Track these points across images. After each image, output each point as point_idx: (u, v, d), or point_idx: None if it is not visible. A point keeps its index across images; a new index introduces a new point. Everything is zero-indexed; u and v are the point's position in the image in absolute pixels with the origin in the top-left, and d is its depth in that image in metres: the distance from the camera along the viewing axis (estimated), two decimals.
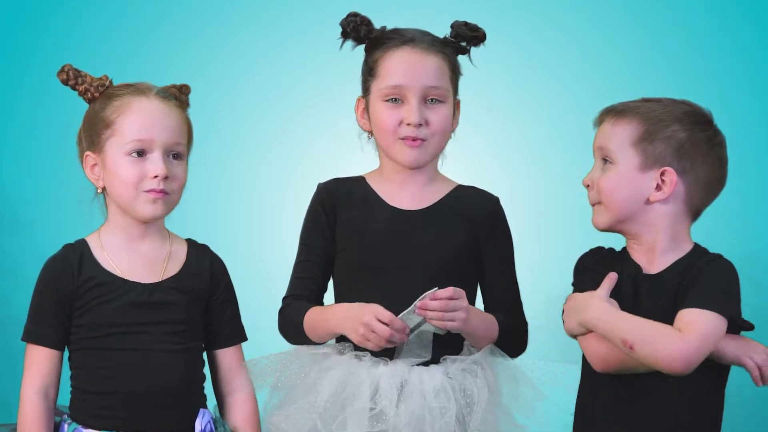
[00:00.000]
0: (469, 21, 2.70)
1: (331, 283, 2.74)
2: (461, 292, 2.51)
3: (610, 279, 2.52)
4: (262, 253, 3.75)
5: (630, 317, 2.46)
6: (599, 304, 2.49)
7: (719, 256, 2.54)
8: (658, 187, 2.51)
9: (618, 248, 2.64)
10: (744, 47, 3.66)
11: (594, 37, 3.72)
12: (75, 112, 2.67)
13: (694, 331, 2.40)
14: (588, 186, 2.57)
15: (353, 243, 2.66)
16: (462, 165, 2.80)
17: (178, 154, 2.57)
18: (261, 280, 3.61)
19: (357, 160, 2.80)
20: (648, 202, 2.52)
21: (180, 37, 3.81)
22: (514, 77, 3.72)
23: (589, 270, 2.59)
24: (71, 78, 2.60)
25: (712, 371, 2.49)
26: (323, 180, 2.75)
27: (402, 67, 2.63)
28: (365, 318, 2.49)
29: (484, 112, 3.51)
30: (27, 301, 2.59)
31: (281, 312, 2.71)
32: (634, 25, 3.71)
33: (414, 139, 2.63)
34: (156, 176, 2.52)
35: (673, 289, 2.50)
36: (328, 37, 3.72)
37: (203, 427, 2.55)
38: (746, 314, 2.50)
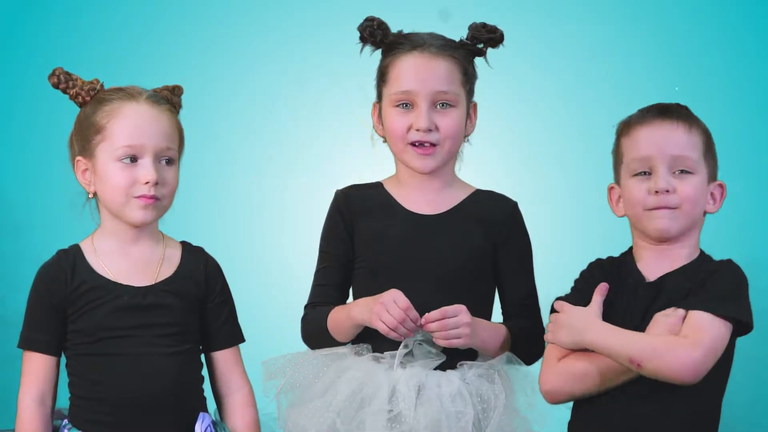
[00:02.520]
0: (488, 23, 2.70)
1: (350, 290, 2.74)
2: (458, 310, 2.51)
3: (601, 291, 2.51)
4: (262, 255, 3.74)
5: (631, 334, 2.44)
6: (597, 325, 2.47)
7: (729, 261, 2.53)
8: (713, 198, 2.56)
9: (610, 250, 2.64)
10: (744, 48, 3.65)
11: (608, 40, 3.71)
12: (74, 115, 2.66)
13: (703, 338, 2.38)
14: (667, 191, 2.51)
15: (371, 248, 2.66)
16: (480, 169, 2.80)
17: (169, 159, 2.55)
18: (261, 282, 3.62)
19: (356, 161, 2.80)
20: (704, 213, 2.56)
21: (180, 38, 3.80)
22: (530, 80, 3.71)
23: (581, 287, 2.57)
24: (62, 81, 2.58)
25: (711, 380, 2.46)
26: (322, 192, 2.76)
27: (410, 73, 2.63)
28: (384, 297, 2.50)
29: (501, 115, 3.51)
30: (24, 304, 2.59)
31: (304, 319, 2.71)
32: (650, 27, 3.70)
33: (423, 145, 2.62)
34: (147, 182, 2.51)
35: (675, 294, 2.48)
36: (326, 36, 3.73)
37: (203, 431, 2.54)
38: None
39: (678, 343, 2.39)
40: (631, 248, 2.62)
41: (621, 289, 2.54)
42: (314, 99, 3.79)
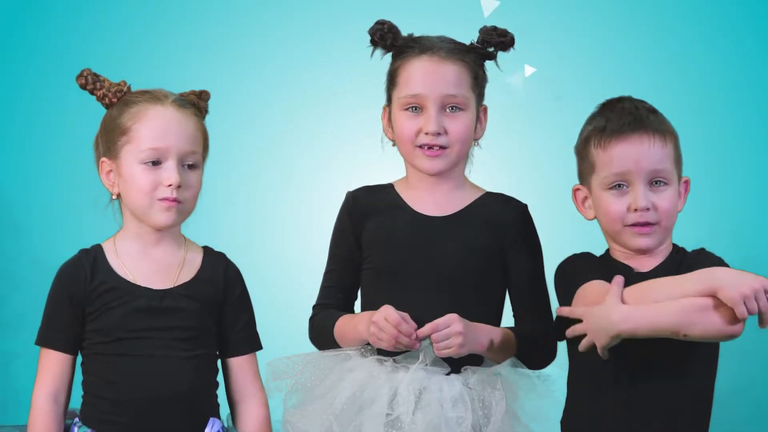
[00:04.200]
0: (498, 27, 2.70)
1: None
2: (450, 320, 2.50)
3: (618, 283, 2.48)
4: (265, 255, 3.74)
5: (661, 307, 2.41)
6: (623, 311, 2.43)
7: (699, 251, 2.57)
8: (679, 196, 2.57)
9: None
10: (744, 49, 3.65)
11: (610, 41, 3.71)
12: (73, 116, 2.67)
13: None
14: (648, 209, 2.52)
15: (379, 249, 2.67)
16: (491, 171, 2.80)
17: (192, 163, 2.55)
18: (263, 283, 3.61)
19: (358, 162, 2.79)
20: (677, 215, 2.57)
21: (181, 38, 3.80)
22: (535, 81, 3.71)
23: (587, 270, 2.56)
24: (89, 83, 2.59)
25: (703, 367, 2.50)
26: (323, 193, 2.75)
27: (420, 76, 2.62)
28: (375, 317, 2.51)
29: (507, 117, 3.50)
30: (23, 304, 2.59)
31: (311, 320, 2.72)
32: (650, 28, 3.70)
33: (431, 147, 2.63)
34: (170, 185, 2.51)
35: None
36: (330, 36, 3.73)
37: None
38: None
39: (711, 303, 2.38)
40: (608, 250, 2.63)
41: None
42: (319, 99, 3.78)
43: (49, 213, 3.59)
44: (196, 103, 2.60)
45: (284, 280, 3.63)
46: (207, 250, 2.65)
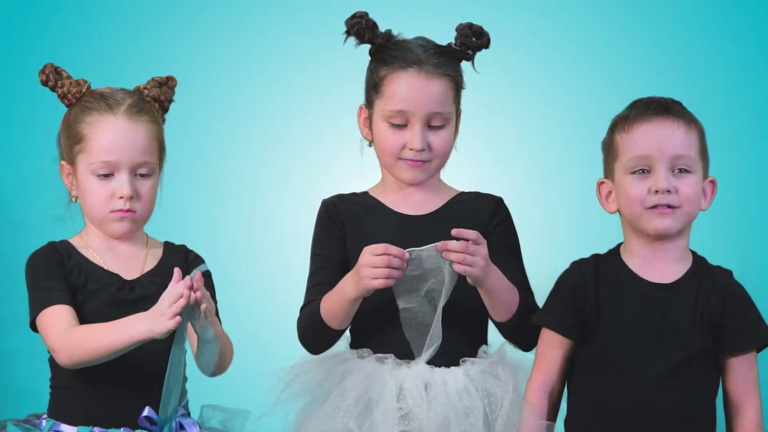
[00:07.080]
0: (474, 23, 2.71)
1: None
2: (482, 240, 2.51)
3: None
4: (262, 260, 3.75)
5: None
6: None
7: (730, 275, 2.57)
8: (704, 195, 2.57)
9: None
10: (743, 47, 3.65)
11: (596, 38, 3.71)
12: None
13: (753, 402, 2.51)
14: (668, 191, 2.52)
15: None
16: (462, 171, 2.81)
17: (146, 172, 2.56)
18: (262, 288, 3.62)
19: (356, 163, 2.80)
20: (699, 209, 2.57)
21: (173, 46, 3.80)
22: (515, 79, 3.72)
23: (560, 297, 2.60)
24: (50, 80, 2.57)
25: (708, 369, 2.52)
26: (323, 194, 2.77)
27: (406, 93, 2.64)
28: (362, 260, 2.51)
29: (485, 115, 3.51)
30: (22, 301, 2.58)
31: (299, 319, 2.71)
32: (639, 25, 3.71)
33: (415, 162, 2.65)
34: (121, 197, 2.52)
35: (692, 301, 2.52)
36: (327, 38, 3.72)
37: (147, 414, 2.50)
38: None
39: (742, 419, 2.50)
40: (618, 246, 2.63)
41: (617, 291, 2.55)
42: (311, 103, 3.79)
43: (47, 210, 3.58)
44: (157, 98, 2.59)
45: (284, 285, 3.62)
46: (168, 244, 2.66)
